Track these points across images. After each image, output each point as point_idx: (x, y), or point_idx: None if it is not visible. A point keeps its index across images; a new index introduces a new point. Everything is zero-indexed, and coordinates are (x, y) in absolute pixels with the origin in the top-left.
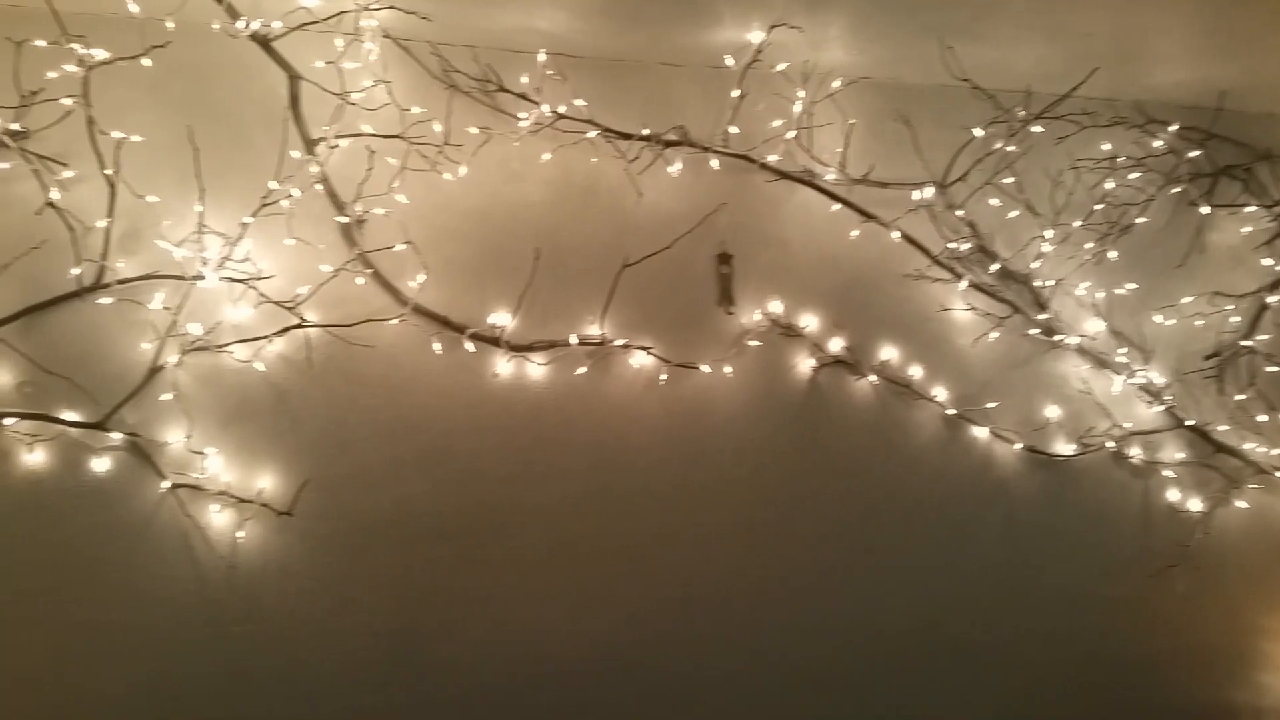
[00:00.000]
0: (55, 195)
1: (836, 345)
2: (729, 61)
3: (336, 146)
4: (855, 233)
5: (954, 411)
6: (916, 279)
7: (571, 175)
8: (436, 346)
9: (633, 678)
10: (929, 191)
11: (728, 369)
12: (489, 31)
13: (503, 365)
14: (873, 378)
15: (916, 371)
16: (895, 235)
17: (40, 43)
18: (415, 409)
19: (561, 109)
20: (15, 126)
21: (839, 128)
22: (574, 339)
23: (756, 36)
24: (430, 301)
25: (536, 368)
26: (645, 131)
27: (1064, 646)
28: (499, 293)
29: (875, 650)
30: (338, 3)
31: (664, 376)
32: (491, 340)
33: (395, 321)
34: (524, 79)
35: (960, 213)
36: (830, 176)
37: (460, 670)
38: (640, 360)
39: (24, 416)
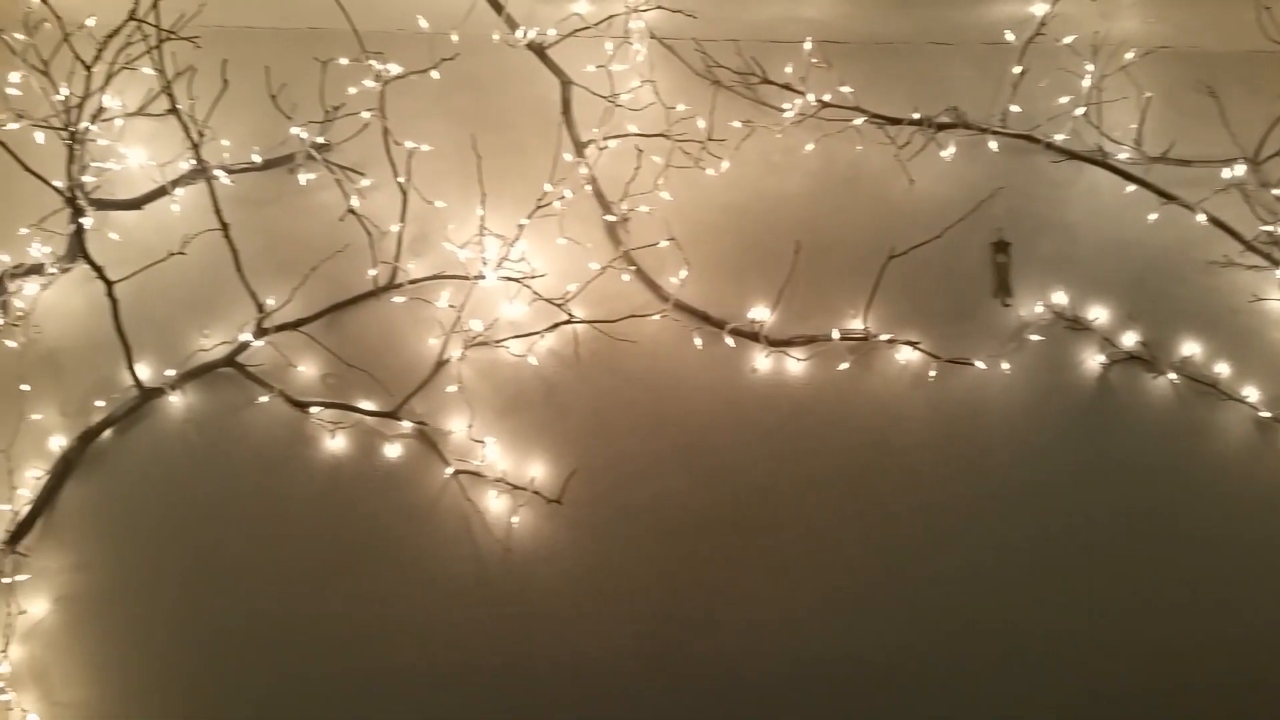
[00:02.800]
0: (355, 203)
1: (1130, 340)
2: (1009, 37)
3: (605, 148)
4: (1153, 216)
5: (1268, 414)
6: (1225, 266)
7: (834, 165)
8: (697, 341)
9: (894, 691)
10: (1240, 169)
11: (1005, 365)
12: (753, 24)
13: (761, 361)
14: (1173, 376)
15: (1224, 369)
16: (1200, 218)
17: (343, 61)
18: (675, 403)
19: (826, 97)
20: (320, 140)
21: (1134, 102)
22: (836, 333)
23: (1040, 9)
24: (691, 297)
25: (796, 363)
26: (915, 115)
27: None
28: (759, 287)
29: (1171, 682)
30: (608, 7)
31: (933, 373)
32: (751, 335)
33: (657, 317)
34: (788, 69)
35: (1278, 192)
36: (1124, 155)
37: (719, 664)
38: (907, 355)
39: (327, 406)
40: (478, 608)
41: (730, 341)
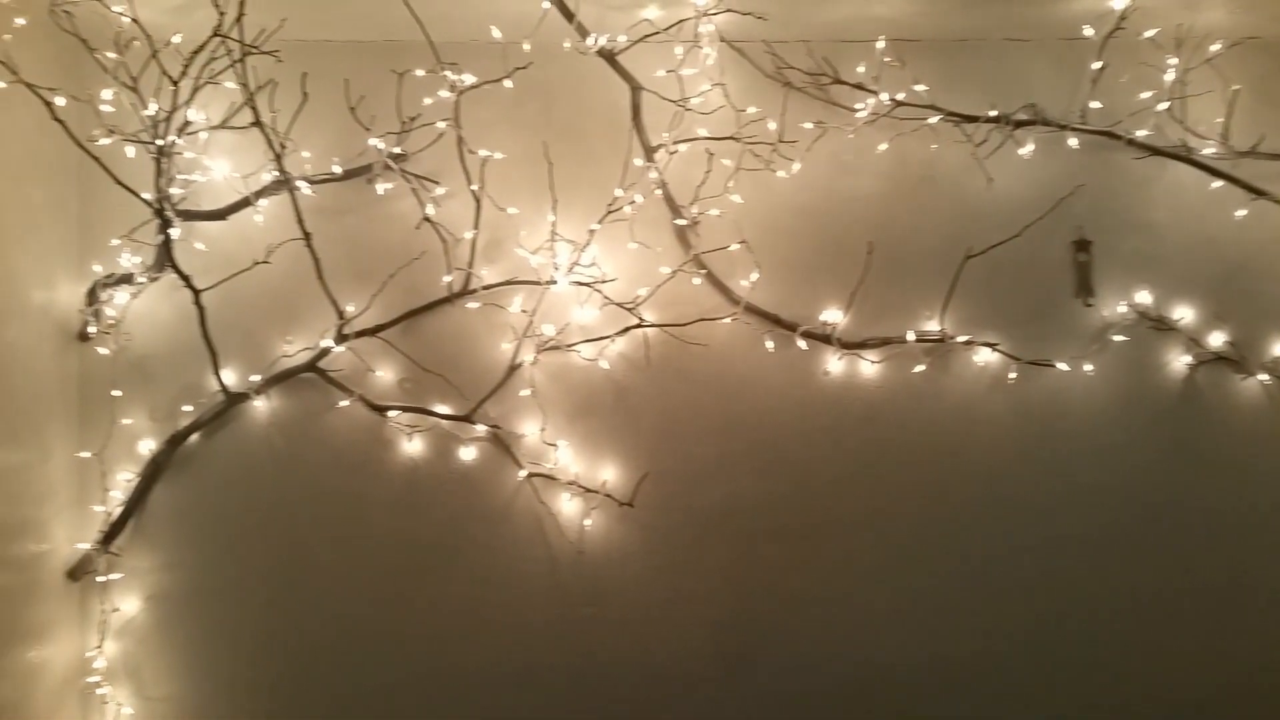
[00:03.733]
0: (430, 211)
1: (1217, 340)
2: (1088, 32)
3: (675, 152)
4: (1242, 212)
5: None
6: None
7: (908, 164)
8: (768, 344)
9: (972, 699)
10: None
11: (1087, 366)
12: (824, 24)
13: (834, 363)
14: (1263, 376)
15: None
16: None
17: (419, 72)
18: (746, 407)
19: (900, 96)
20: (397, 150)
21: (1219, 95)
22: (911, 335)
23: (1120, 2)
24: (762, 300)
25: (870, 366)
26: (992, 112)
27: None
28: (831, 289)
29: (1260, 686)
30: (677, 11)
31: (1013, 375)
32: (823, 338)
33: (728, 320)
34: (860, 68)
35: None
36: (1209, 150)
37: (791, 670)
38: (985, 357)
39: (404, 410)
40: (551, 609)
41: (802, 344)
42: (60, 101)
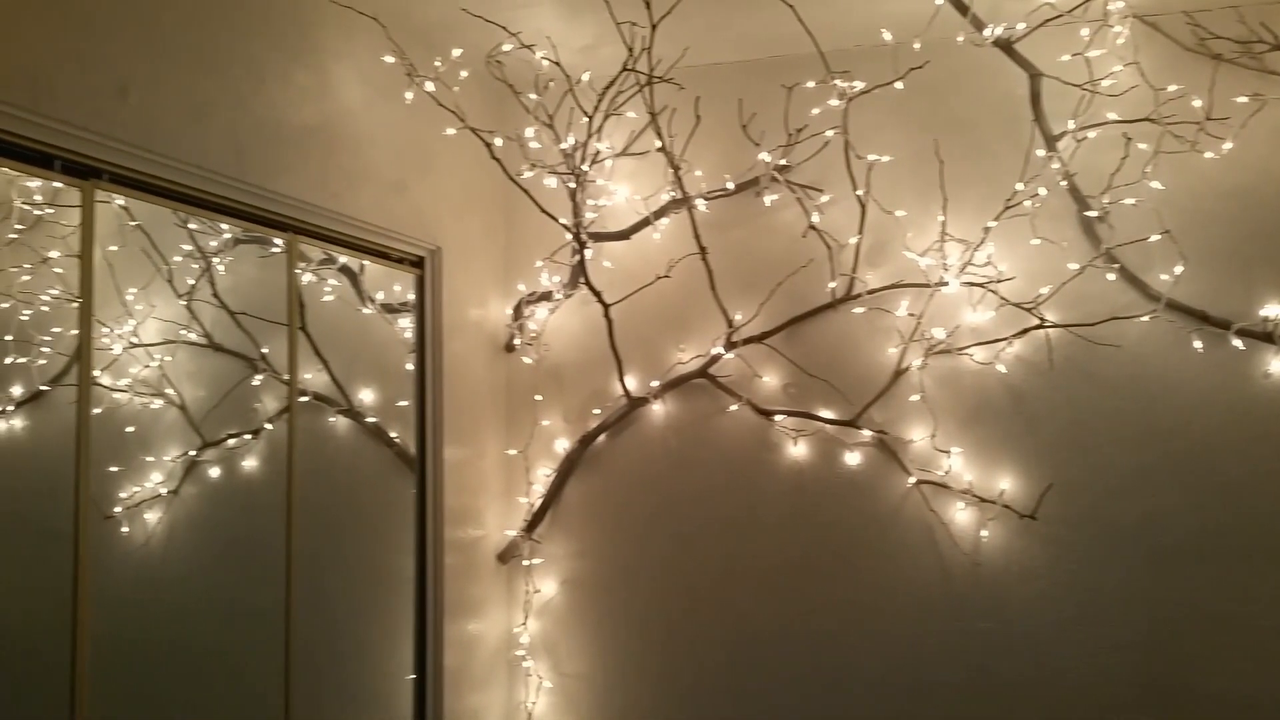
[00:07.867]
0: (815, 219)
1: None
2: None
3: (1083, 139)
4: None
5: None
6: None
7: None
8: (1196, 344)
9: None
10: None
11: None
12: None
13: (1277, 365)
14: None
15: None
16: None
17: (809, 84)
18: (1168, 413)
19: None
20: (782, 162)
21: None
22: None
23: None
24: (1186, 295)
25: None
26: None
27: None
28: (1271, 281)
29: None
30: None
31: None
32: (1263, 336)
33: (1145, 318)
34: None
35: None
36: None
37: (1227, 708)
38: None
39: (790, 414)
40: (945, 620)
41: (1238, 343)
42: (498, 142)
